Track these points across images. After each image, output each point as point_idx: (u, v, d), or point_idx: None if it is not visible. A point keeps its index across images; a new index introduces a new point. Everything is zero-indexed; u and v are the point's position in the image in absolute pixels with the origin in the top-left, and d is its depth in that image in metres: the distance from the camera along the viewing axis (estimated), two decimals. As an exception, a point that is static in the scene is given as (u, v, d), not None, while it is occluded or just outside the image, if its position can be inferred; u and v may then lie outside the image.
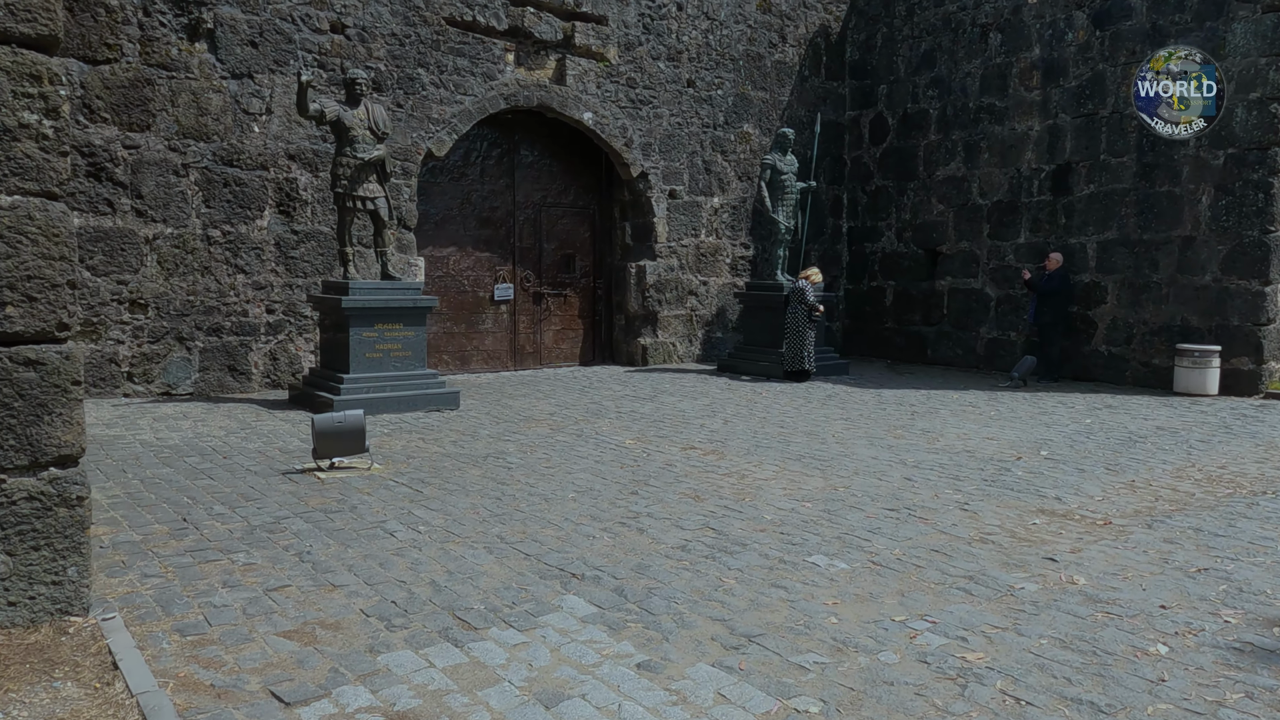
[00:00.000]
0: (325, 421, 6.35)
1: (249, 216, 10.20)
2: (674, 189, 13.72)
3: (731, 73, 14.19)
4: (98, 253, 9.33)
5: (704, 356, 14.21)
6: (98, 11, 9.16)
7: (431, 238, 12.20)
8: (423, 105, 11.29)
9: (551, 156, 13.30)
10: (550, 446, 7.59)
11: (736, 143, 14.38)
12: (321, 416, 6.40)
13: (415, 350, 9.37)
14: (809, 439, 8.07)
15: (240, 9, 9.96)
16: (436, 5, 11.28)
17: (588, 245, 13.83)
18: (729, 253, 14.48)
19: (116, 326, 9.48)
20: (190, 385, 9.93)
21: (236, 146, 10.05)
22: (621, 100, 13.04)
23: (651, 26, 13.25)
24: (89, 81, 9.17)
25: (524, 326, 13.21)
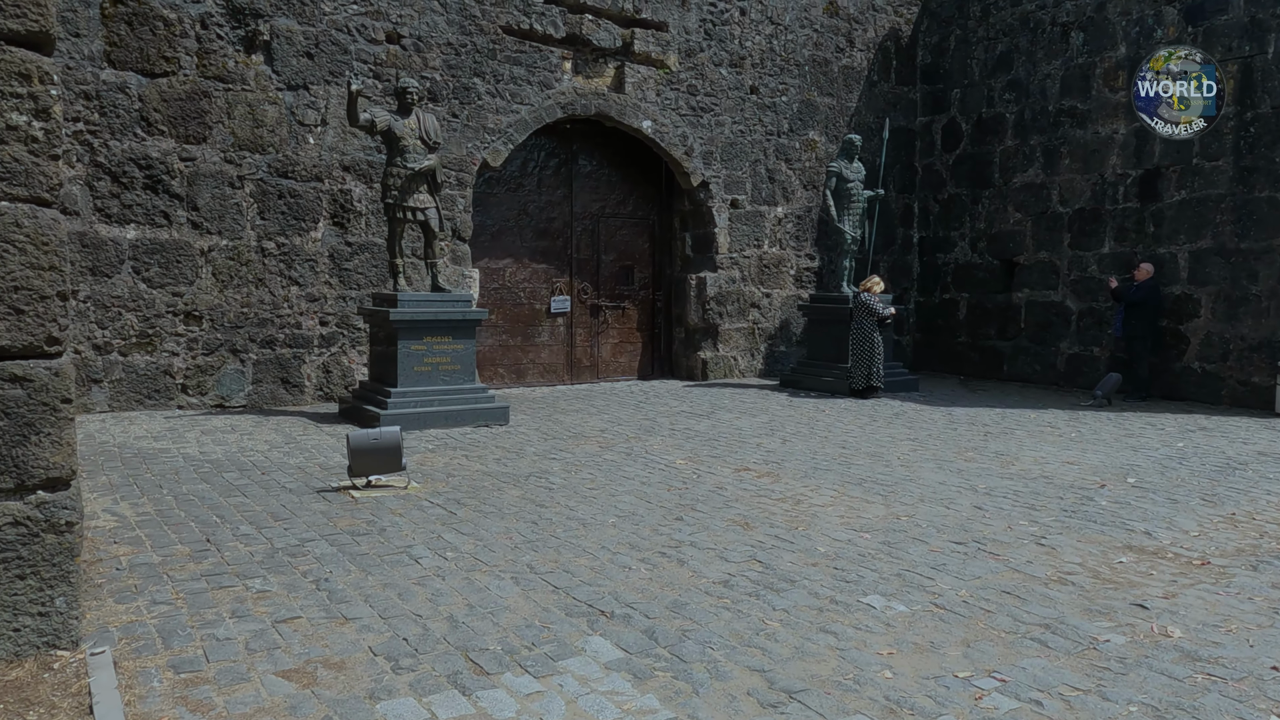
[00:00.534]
0: (360, 439, 6.13)
1: (303, 228, 10.14)
2: (736, 198, 13.32)
3: (796, 79, 13.76)
4: (153, 265, 9.35)
5: (766, 371, 13.75)
6: (155, 25, 9.20)
7: (488, 249, 12.03)
8: (478, 115, 11.13)
9: (610, 166, 13.04)
10: (596, 466, 7.26)
11: (801, 150, 13.92)
12: (357, 433, 6.18)
13: (464, 364, 9.16)
14: (872, 461, 7.57)
15: (297, 20, 9.93)
16: (493, 14, 11.13)
17: (647, 257, 13.52)
18: (793, 264, 14.00)
19: (171, 338, 9.48)
20: (243, 397, 9.89)
21: (291, 158, 10.01)
22: (682, 108, 12.72)
23: (713, 32, 12.91)
24: (147, 94, 9.21)
25: (581, 339, 12.94)
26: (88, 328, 9.08)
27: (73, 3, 8.81)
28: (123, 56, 9.08)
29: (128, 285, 9.25)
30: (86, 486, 6.26)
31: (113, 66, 9.05)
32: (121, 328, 9.23)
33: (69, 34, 8.82)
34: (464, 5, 10.92)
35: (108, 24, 9.00)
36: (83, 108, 8.94)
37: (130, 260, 9.25)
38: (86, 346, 9.09)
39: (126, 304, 9.24)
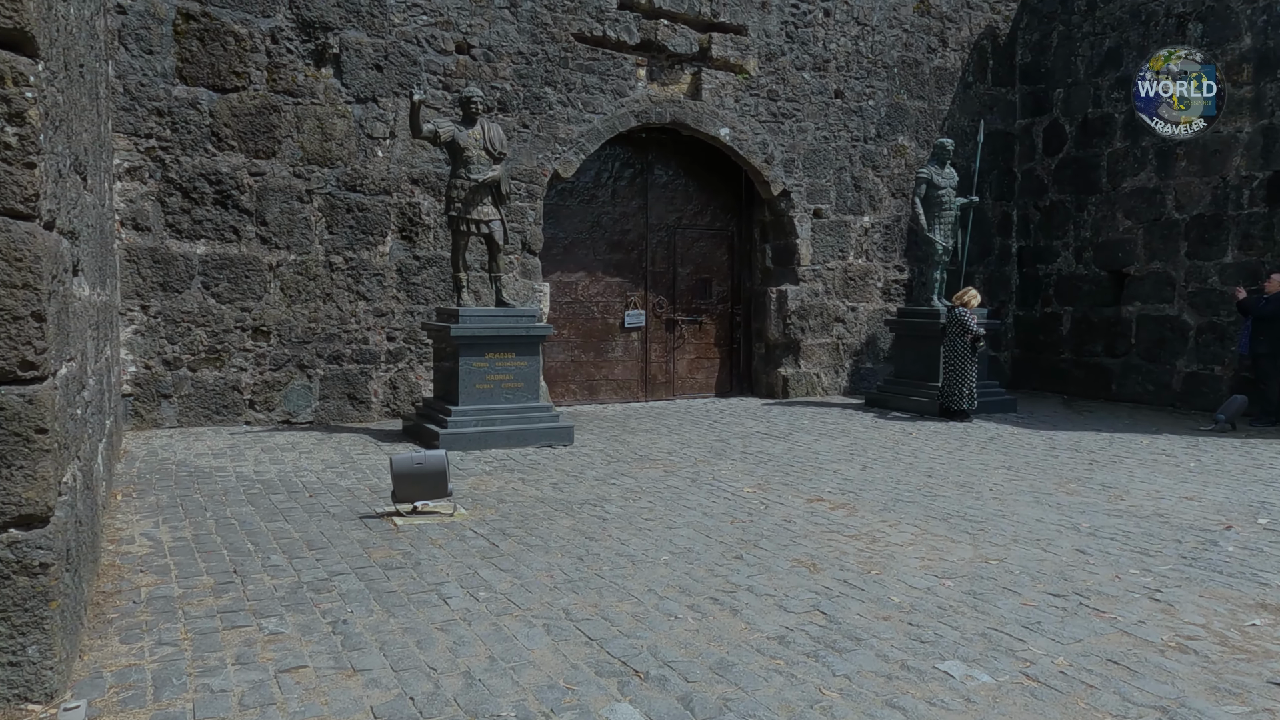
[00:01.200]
0: (403, 463, 5.82)
1: (371, 242, 10.00)
2: (819, 208, 12.71)
3: (884, 81, 13.07)
4: (222, 280, 9.33)
5: (851, 389, 13.05)
6: (227, 41, 9.20)
7: (560, 262, 11.73)
8: (549, 125, 10.84)
9: (687, 176, 12.60)
10: (658, 493, 6.80)
11: (890, 157, 13.22)
12: (400, 457, 5.87)
13: (528, 381, 8.83)
14: (961, 493, 6.90)
15: (366, 33, 9.82)
16: (565, 22, 10.84)
17: (725, 269, 13.01)
18: (880, 276, 13.29)
19: (239, 354, 9.44)
20: (310, 414, 9.78)
21: (360, 171, 9.89)
22: (762, 114, 12.19)
23: (795, 35, 12.36)
24: (217, 110, 9.21)
25: (656, 355, 12.51)
26: (157, 343, 9.10)
27: (146, 20, 8.86)
28: (194, 72, 9.10)
29: (197, 300, 9.24)
30: (134, 507, 6.12)
31: (184, 83, 9.07)
32: (191, 343, 9.22)
33: (142, 51, 8.88)
34: (535, 13, 10.66)
35: (180, 41, 9.03)
36: (155, 124, 8.98)
37: (200, 275, 9.25)
38: (156, 362, 9.11)
39: (196, 319, 9.24)
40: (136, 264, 8.98)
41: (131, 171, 8.93)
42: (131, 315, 8.99)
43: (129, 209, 8.93)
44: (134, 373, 9.02)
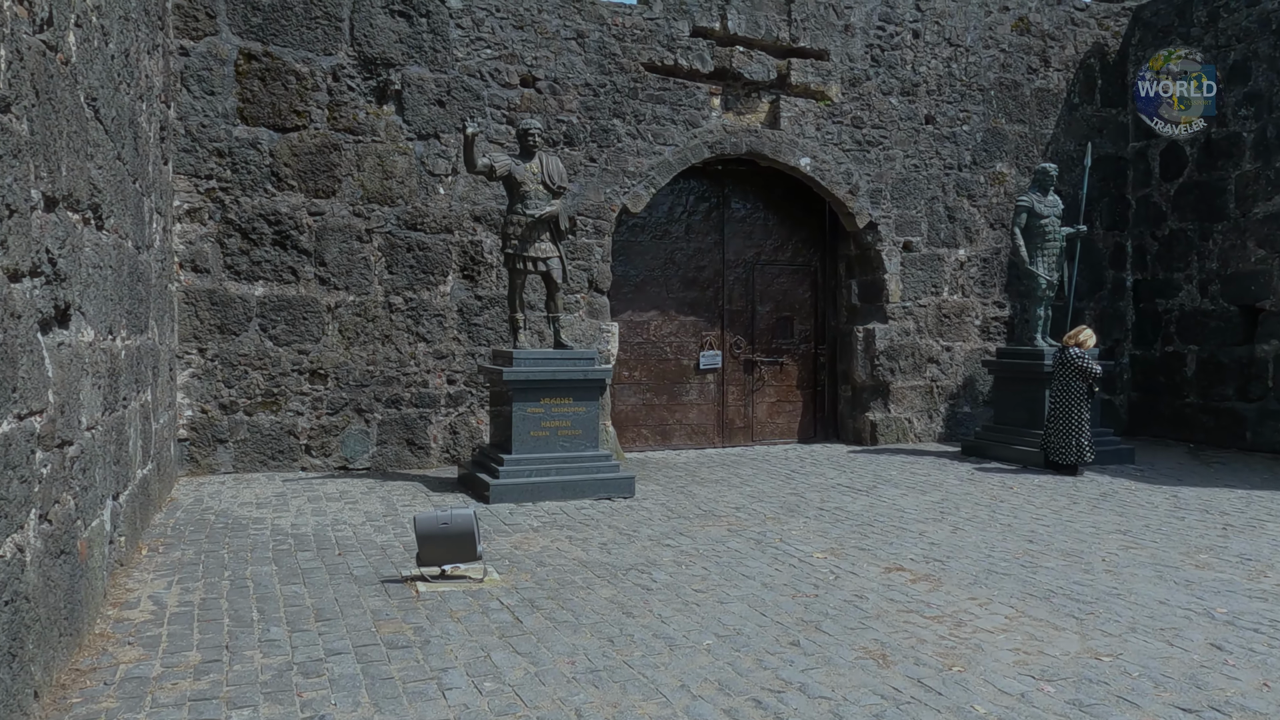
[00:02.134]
0: (428, 522, 5.31)
1: (432, 282, 9.68)
2: (909, 240, 11.86)
3: (980, 105, 12.20)
4: (280, 322, 9.12)
5: (947, 435, 12.06)
6: (288, 80, 9.07)
7: (630, 301, 11.20)
8: (618, 158, 10.38)
9: (766, 209, 11.95)
10: (715, 557, 6.10)
11: (987, 185, 12.29)
12: (425, 516, 5.36)
13: (586, 429, 8.27)
14: (1066, 563, 5.98)
15: (429, 68, 9.58)
16: (634, 51, 10.41)
17: (808, 307, 12.25)
18: (978, 313, 12.31)
19: (296, 398, 9.19)
20: (368, 459, 9.45)
21: (421, 209, 9.61)
22: (845, 142, 11.48)
23: (881, 58, 11.64)
24: (277, 149, 9.07)
25: (733, 398, 11.81)
26: (214, 386, 8.92)
27: (208, 61, 8.80)
28: (255, 112, 8.99)
29: (254, 343, 9.05)
30: (155, 564, 5.78)
31: (245, 123, 8.96)
32: (247, 386, 9.02)
33: (204, 92, 8.81)
34: (603, 44, 10.27)
35: (241, 81, 8.94)
36: (215, 165, 8.88)
37: (257, 317, 9.06)
38: (213, 406, 8.92)
39: (253, 362, 9.04)
40: (195, 306, 8.85)
41: (191, 213, 8.83)
42: (189, 359, 8.84)
43: (188, 251, 8.83)
44: (190, 417, 8.86)
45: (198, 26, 8.77)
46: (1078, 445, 9.53)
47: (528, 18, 9.96)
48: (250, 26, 8.94)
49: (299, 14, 9.09)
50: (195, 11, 8.75)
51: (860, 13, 11.49)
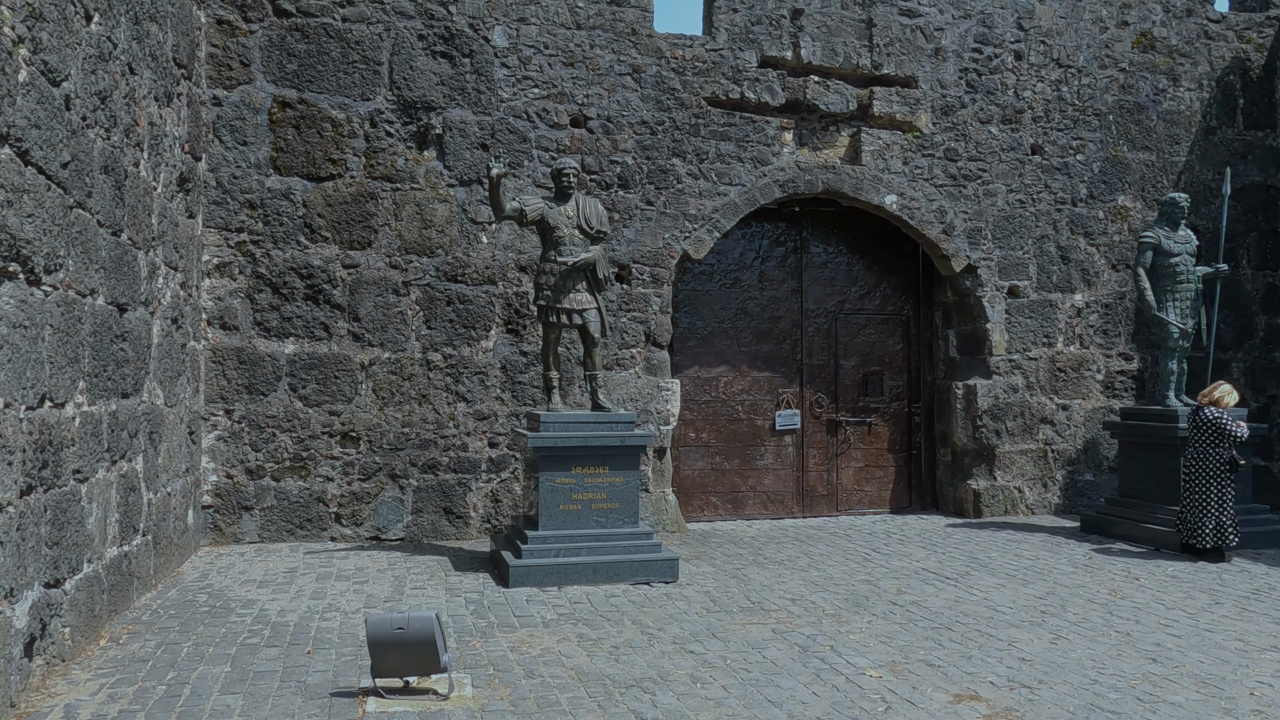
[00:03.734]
0: (380, 626, 4.44)
1: (473, 337, 8.98)
2: (1015, 284, 10.50)
3: (1097, 131, 10.79)
4: (310, 381, 8.58)
5: (1065, 507, 10.49)
6: (323, 127, 8.64)
7: (697, 355, 10.24)
8: (678, 200, 9.52)
9: (850, 252, 10.83)
10: (743, 670, 5.00)
11: (1107, 221, 10.82)
12: (376, 619, 4.50)
13: (625, 502, 7.30)
14: (1201, 697, 4.60)
15: (472, 110, 9.01)
16: (695, 85, 9.58)
17: (899, 360, 10.98)
18: (1100, 366, 10.76)
19: (326, 462, 8.59)
20: (402, 529, 8.74)
21: (462, 260, 8.97)
22: (937, 177, 10.28)
23: (978, 83, 10.43)
24: (311, 199, 8.62)
25: (815, 463, 10.61)
26: (241, 450, 8.42)
27: (242, 110, 8.46)
28: (288, 162, 8.58)
29: (283, 403, 8.52)
30: (106, 659, 5.13)
31: (278, 173, 8.56)
32: (275, 450, 8.48)
33: (236, 143, 8.46)
34: (661, 78, 9.48)
35: (275, 129, 8.56)
36: (247, 217, 8.48)
37: (287, 376, 8.54)
38: (239, 470, 8.41)
39: (281, 424, 8.51)
40: (222, 365, 8.41)
41: (221, 268, 8.44)
42: (215, 420, 8.38)
43: (216, 307, 8.42)
44: (215, 483, 8.37)
45: (232, 75, 8.45)
46: (1218, 525, 7.93)
47: (578, 54, 9.29)
48: (285, 74, 8.58)
49: (335, 59, 8.69)
50: (229, 60, 8.44)
51: (952, 35, 10.35)
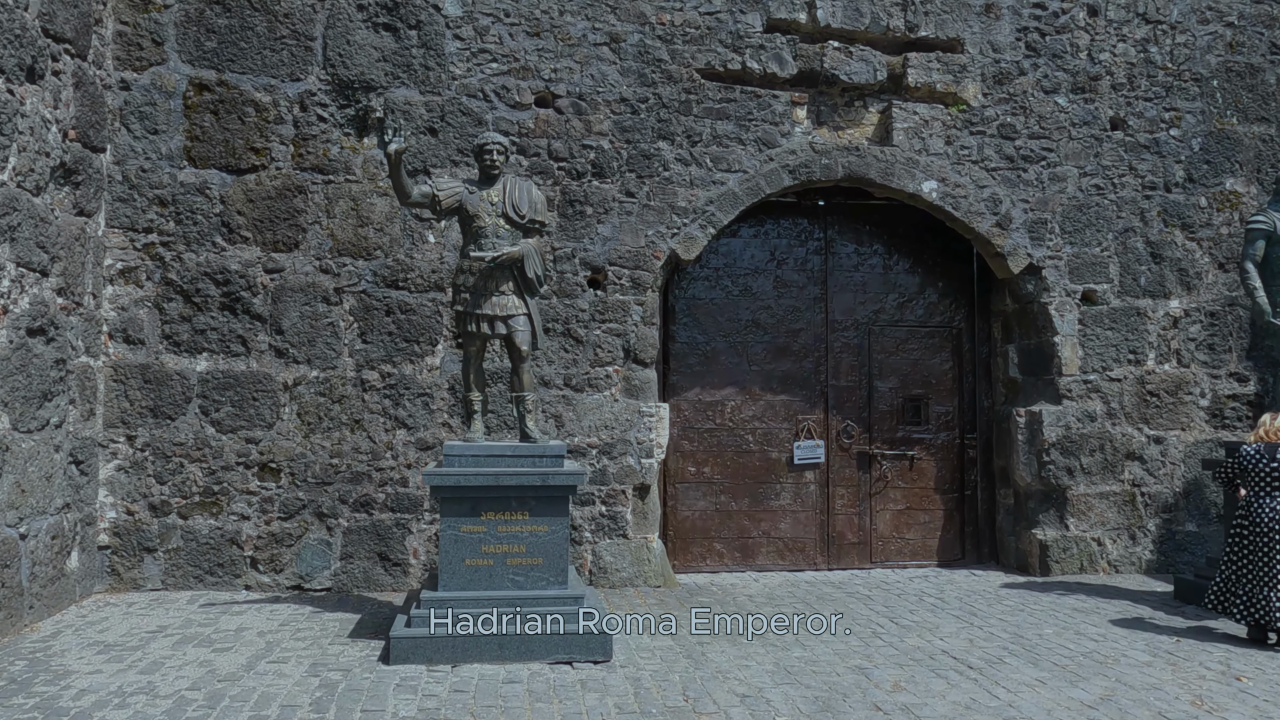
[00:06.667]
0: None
1: (416, 353, 7.67)
2: (1091, 289, 8.55)
3: (1196, 100, 8.77)
4: (225, 404, 7.42)
5: (1159, 564, 8.43)
6: (246, 112, 7.53)
7: (698, 375, 8.67)
8: (664, 190, 8.02)
9: (888, 252, 9.08)
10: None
11: (1212, 210, 8.77)
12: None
13: (550, 556, 5.79)
14: None
15: (419, 90, 7.76)
16: (686, 55, 8.09)
17: (948, 381, 9.13)
18: (1205, 389, 8.67)
19: (242, 497, 7.40)
20: (328, 577, 7.45)
21: (404, 263, 7.69)
22: (989, 159, 8.47)
23: (1041, 45, 8.59)
24: (230, 194, 7.50)
25: (843, 504, 8.86)
26: (144, 482, 7.31)
27: (152, 95, 7.43)
28: (205, 152, 7.49)
29: (193, 429, 7.38)
30: None
31: (193, 164, 7.48)
32: (183, 482, 7.34)
33: (146, 131, 7.42)
34: (645, 48, 8.04)
35: (190, 116, 7.49)
36: (156, 215, 7.42)
37: (199, 398, 7.41)
38: (141, 506, 7.30)
39: (190, 452, 7.36)
40: (124, 385, 7.33)
41: (126, 273, 7.39)
42: (115, 448, 7.30)
43: (120, 318, 7.36)
44: (114, 519, 7.27)
45: (142, 55, 7.43)
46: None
47: (545, 21, 7.94)
48: (203, 52, 7.51)
49: (261, 34, 7.58)
50: (139, 39, 7.43)
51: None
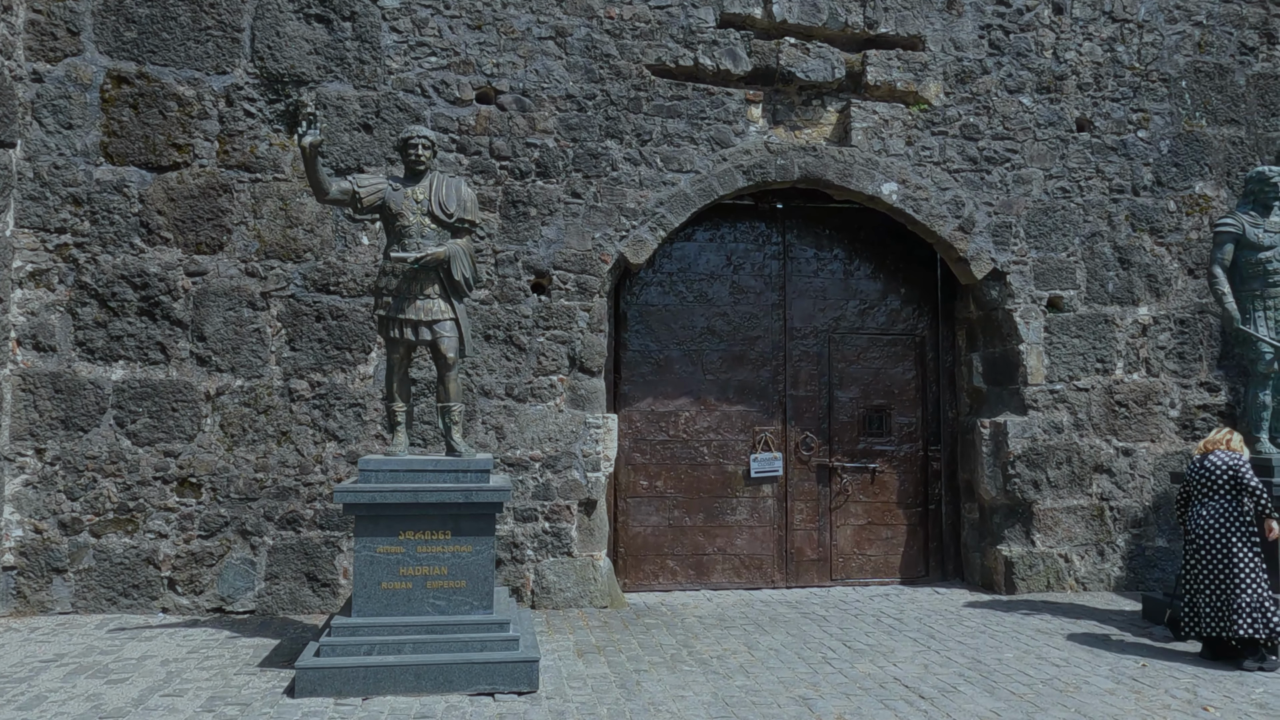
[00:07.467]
0: None
1: (348, 361, 7.27)
2: (1057, 295, 8.25)
3: (1165, 101, 8.51)
4: (142, 414, 6.98)
5: (1129, 581, 8.11)
6: (168, 106, 7.12)
7: (651, 385, 8.30)
8: (612, 191, 7.67)
9: (849, 257, 8.75)
10: None
11: (1180, 214, 8.49)
12: None
13: (474, 579, 5.39)
14: None
15: (353, 84, 7.38)
16: (636, 50, 7.75)
17: (911, 391, 8.80)
18: (1175, 399, 8.37)
19: (160, 514, 6.96)
20: (252, 599, 7.02)
21: (336, 266, 7.29)
22: (952, 160, 8.17)
23: (1005, 43, 8.31)
24: (150, 193, 7.08)
25: (802, 519, 8.50)
26: (53, 498, 6.86)
27: (67, 87, 7.01)
28: (124, 148, 7.08)
29: (108, 441, 6.94)
30: None
31: (110, 161, 7.06)
32: (96, 499, 6.89)
33: (60, 126, 7.00)
34: (593, 43, 7.69)
35: (108, 110, 7.08)
36: (70, 215, 7.00)
37: (114, 409, 6.97)
38: (50, 524, 6.84)
39: (104, 466, 6.92)
40: (33, 394, 6.89)
41: (36, 276, 6.95)
42: (22, 461, 6.84)
43: (29, 324, 6.92)
44: (20, 538, 6.81)
45: (57, 46, 7.02)
46: (1251, 609, 5.63)
47: (488, 14, 7.58)
48: (123, 43, 7.11)
49: (185, 25, 7.18)
50: (53, 28, 7.02)
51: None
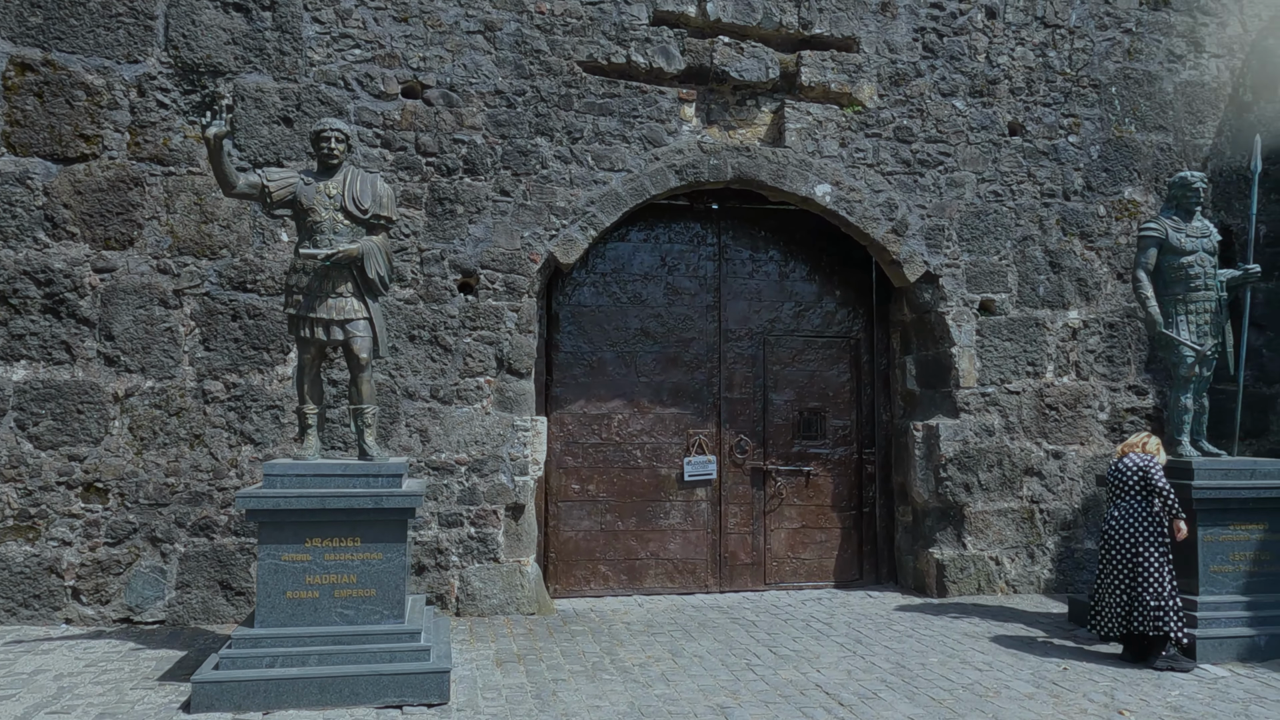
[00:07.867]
0: None
1: (266, 361, 7.03)
2: (989, 298, 8.27)
3: (1095, 107, 8.58)
4: (45, 416, 6.68)
5: (1059, 583, 8.15)
6: (75, 96, 6.83)
7: (583, 387, 8.16)
8: (542, 190, 7.52)
9: (785, 259, 8.70)
10: None
11: (1109, 219, 8.56)
12: None
13: (384, 587, 5.21)
14: None
15: (272, 76, 7.14)
16: (567, 47, 7.62)
17: (846, 394, 8.77)
18: (1104, 402, 8.44)
19: (63, 521, 6.66)
20: (162, 608, 6.74)
21: (253, 263, 7.05)
22: (885, 163, 8.15)
23: (939, 46, 8.32)
24: (55, 186, 6.79)
25: (736, 523, 8.42)
26: (-52, 505, 6.54)
27: (-33, 74, 6.70)
28: (28, 138, 6.77)
29: (7, 445, 6.63)
30: None
31: (12, 152, 6.76)
32: (-6, 505, 6.59)
33: (-42, 114, 6.69)
34: (522, 38, 7.54)
35: (10, 98, 6.77)
36: (-32, 208, 6.69)
37: (15, 410, 6.66)
38: (-55, 531, 6.52)
39: (3, 471, 6.61)
40: (-73, 396, 6.57)
41: (-68, 271, 6.63)
42: (-85, 466, 6.52)
43: (-77, 321, 6.60)
44: (-89, 547, 6.48)
45: (-44, 30, 6.71)
46: (1156, 608, 5.74)
47: (414, 6, 7.40)
48: (27, 29, 6.81)
49: (94, 10, 6.90)
50: (-48, 11, 6.71)
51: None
